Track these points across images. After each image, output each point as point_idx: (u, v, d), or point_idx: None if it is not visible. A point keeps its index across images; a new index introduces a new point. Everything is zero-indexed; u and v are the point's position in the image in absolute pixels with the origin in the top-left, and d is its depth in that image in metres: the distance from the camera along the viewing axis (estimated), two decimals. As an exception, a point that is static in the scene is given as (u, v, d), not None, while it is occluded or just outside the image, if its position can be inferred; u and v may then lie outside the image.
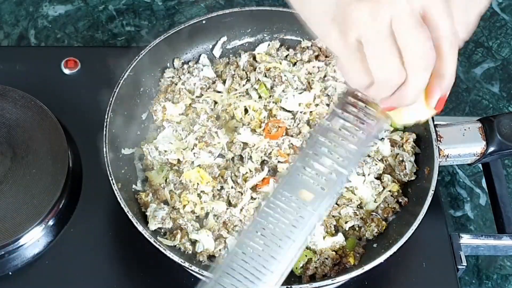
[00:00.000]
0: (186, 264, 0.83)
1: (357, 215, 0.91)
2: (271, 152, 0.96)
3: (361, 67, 0.60)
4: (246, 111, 1.00)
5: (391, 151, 0.96)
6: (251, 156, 0.96)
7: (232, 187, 0.92)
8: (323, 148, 0.67)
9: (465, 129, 0.97)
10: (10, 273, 0.91)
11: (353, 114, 0.68)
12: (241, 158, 0.96)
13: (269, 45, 1.07)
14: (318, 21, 0.61)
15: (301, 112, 1.01)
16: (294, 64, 1.07)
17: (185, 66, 1.05)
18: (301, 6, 0.63)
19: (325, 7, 0.60)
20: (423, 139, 0.96)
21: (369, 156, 0.95)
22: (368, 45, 0.58)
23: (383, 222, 0.91)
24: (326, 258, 0.88)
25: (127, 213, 0.85)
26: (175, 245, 0.88)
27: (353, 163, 0.68)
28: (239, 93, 1.01)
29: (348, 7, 0.58)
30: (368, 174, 0.94)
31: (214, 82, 1.03)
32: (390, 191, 0.93)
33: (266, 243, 0.66)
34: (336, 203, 0.93)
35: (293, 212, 0.66)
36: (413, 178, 0.95)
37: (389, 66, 0.59)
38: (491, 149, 0.95)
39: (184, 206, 0.91)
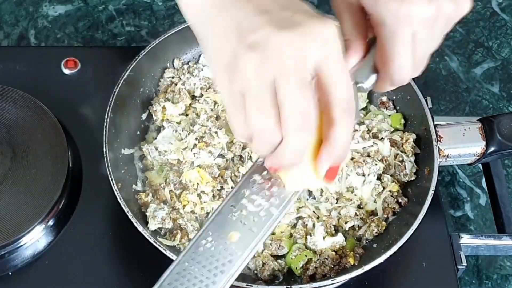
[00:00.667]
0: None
1: (357, 215, 0.91)
2: (271, 152, 0.96)
3: (243, 119, 0.58)
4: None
5: (391, 151, 0.96)
6: (251, 156, 0.96)
7: (232, 187, 0.92)
8: (255, 187, 0.67)
9: (465, 129, 0.97)
10: (10, 273, 0.91)
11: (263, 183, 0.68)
12: (241, 158, 0.96)
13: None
14: (215, 65, 0.60)
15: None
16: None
17: (185, 66, 1.05)
18: (204, 47, 0.62)
19: (222, 53, 0.58)
20: (423, 139, 0.96)
21: (369, 156, 0.96)
22: (248, 98, 0.57)
23: (383, 222, 0.91)
24: (326, 258, 0.88)
25: (127, 213, 0.85)
26: (175, 245, 0.88)
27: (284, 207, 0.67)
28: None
29: (238, 58, 0.56)
30: (368, 174, 0.94)
31: (214, 82, 1.03)
32: (390, 191, 0.93)
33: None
34: (336, 203, 0.93)
35: (219, 257, 0.65)
36: (413, 178, 0.95)
37: (263, 121, 0.57)
38: (491, 149, 0.95)
39: (184, 206, 0.91)
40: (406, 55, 0.63)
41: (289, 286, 0.82)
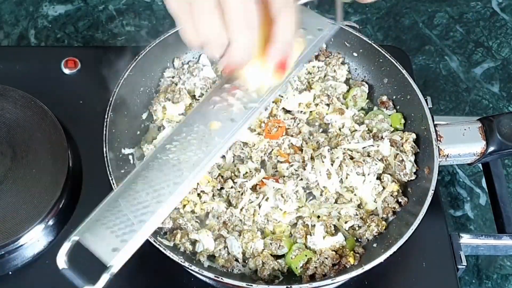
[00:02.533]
0: (186, 264, 0.83)
1: (357, 215, 0.91)
2: (271, 152, 0.96)
3: (192, 28, 0.63)
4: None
5: (391, 151, 0.96)
6: (251, 156, 0.96)
7: (232, 187, 0.92)
8: (236, 82, 0.72)
9: (465, 129, 0.97)
10: (10, 272, 0.91)
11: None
12: (241, 158, 0.96)
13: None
14: None
15: (301, 112, 1.01)
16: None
17: (185, 66, 1.05)
18: None
19: None
20: (423, 139, 0.96)
21: (369, 155, 0.96)
22: (193, 6, 0.61)
23: (383, 222, 0.91)
24: (326, 258, 0.88)
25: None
26: (175, 245, 0.88)
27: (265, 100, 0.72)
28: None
29: None
30: (368, 174, 0.94)
31: (214, 82, 1.03)
32: (390, 191, 0.93)
33: (175, 165, 0.69)
34: (336, 203, 0.93)
35: (201, 141, 0.70)
36: (413, 178, 0.95)
37: (211, 25, 0.61)
38: (491, 149, 0.95)
39: (184, 206, 0.91)
40: None
41: (289, 286, 0.82)
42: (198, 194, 0.92)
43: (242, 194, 0.91)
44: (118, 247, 0.68)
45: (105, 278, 0.67)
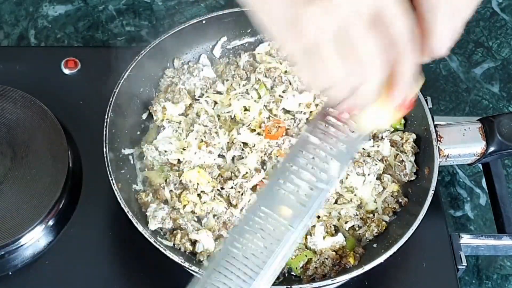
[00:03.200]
0: (186, 264, 0.83)
1: (357, 215, 0.91)
2: (271, 152, 0.96)
3: (314, 72, 0.61)
4: (246, 110, 1.00)
5: (391, 151, 0.96)
6: (251, 156, 0.96)
7: (232, 187, 0.92)
8: (303, 161, 0.66)
9: (465, 129, 0.97)
10: (10, 273, 0.91)
11: (330, 128, 0.68)
12: (241, 158, 0.96)
13: (269, 45, 1.07)
14: (276, 27, 0.62)
15: (301, 112, 1.01)
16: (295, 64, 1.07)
17: (185, 66, 1.05)
18: (260, 7, 0.63)
19: (280, 10, 0.60)
20: (423, 139, 0.96)
21: (369, 156, 0.96)
22: (316, 50, 0.59)
23: (383, 222, 0.91)
24: (326, 258, 0.88)
25: (127, 213, 0.85)
26: (175, 245, 0.88)
27: (334, 178, 0.66)
28: (239, 93, 1.01)
29: (300, 10, 0.58)
30: (368, 174, 0.94)
31: (214, 82, 1.03)
32: (390, 191, 0.93)
33: (244, 264, 0.64)
34: (336, 203, 0.93)
35: (271, 231, 0.64)
36: (413, 178, 0.95)
37: (335, 70, 0.60)
38: (491, 149, 0.95)
39: (184, 206, 0.91)
40: (447, 25, 0.65)
41: (289, 286, 0.82)
42: (198, 195, 0.92)
43: (242, 194, 0.91)
44: None
45: None
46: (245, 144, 0.97)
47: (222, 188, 0.93)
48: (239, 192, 0.92)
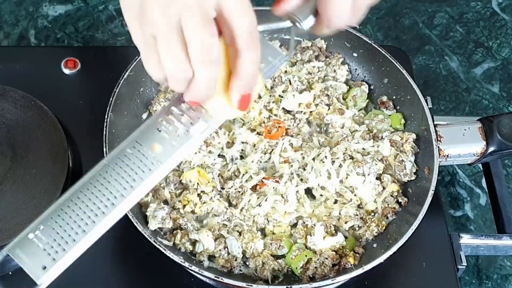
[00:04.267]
0: (186, 264, 0.83)
1: (357, 215, 0.91)
2: (271, 152, 0.96)
3: (156, 61, 0.63)
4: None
5: (391, 151, 0.96)
6: (251, 156, 0.96)
7: (232, 187, 0.92)
8: (183, 105, 0.70)
9: (465, 129, 0.97)
10: (10, 272, 0.91)
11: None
12: (241, 158, 0.96)
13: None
14: (127, 15, 0.64)
15: (301, 112, 1.01)
16: (294, 64, 1.07)
17: (185, 66, 1.05)
18: (120, 2, 0.65)
19: (131, 3, 0.62)
20: (423, 139, 0.96)
21: (369, 156, 0.95)
22: (158, 39, 0.61)
23: (383, 222, 0.91)
24: (326, 258, 0.88)
25: (127, 213, 0.85)
26: (175, 245, 0.88)
27: (208, 127, 0.71)
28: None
29: (145, 4, 0.61)
30: (368, 174, 0.94)
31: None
32: (390, 191, 0.93)
33: (110, 190, 0.69)
34: (336, 203, 0.93)
35: (141, 163, 0.69)
36: (413, 178, 0.95)
37: (174, 60, 0.62)
38: (491, 149, 0.95)
39: (184, 206, 0.91)
40: (346, 1, 0.68)
41: (289, 286, 0.82)
42: (198, 194, 0.92)
43: (242, 194, 0.91)
44: (47, 266, 0.68)
45: None
46: (245, 144, 0.97)
47: (222, 188, 0.93)
48: (239, 192, 0.92)
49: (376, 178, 0.94)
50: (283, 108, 1.01)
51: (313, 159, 0.94)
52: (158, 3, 0.60)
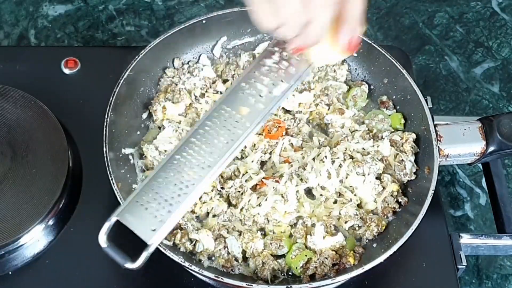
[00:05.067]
0: (186, 264, 0.83)
1: (357, 215, 0.91)
2: (271, 152, 0.96)
3: (269, 10, 0.66)
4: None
5: (391, 151, 0.96)
6: (251, 156, 0.96)
7: (232, 187, 0.92)
8: (264, 69, 0.77)
9: (465, 129, 0.97)
10: (10, 272, 0.91)
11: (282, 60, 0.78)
12: (241, 158, 0.96)
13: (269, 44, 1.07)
14: None
15: (301, 112, 1.01)
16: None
17: (185, 66, 1.05)
18: None
19: None
20: (423, 138, 0.96)
21: (369, 155, 0.95)
22: None
23: (383, 222, 0.91)
24: (326, 258, 0.88)
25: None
26: (175, 245, 0.88)
27: (289, 87, 0.77)
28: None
29: None
30: (368, 174, 0.94)
31: (214, 82, 1.03)
32: (390, 191, 0.93)
33: (205, 150, 0.75)
34: (336, 203, 0.93)
35: (230, 126, 0.75)
36: (413, 178, 0.95)
37: (291, 6, 0.65)
38: (491, 148, 0.95)
39: (184, 206, 0.91)
40: None
41: (289, 286, 0.82)
42: (198, 194, 0.92)
43: (242, 194, 0.91)
44: (157, 228, 0.73)
45: (144, 256, 0.73)
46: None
47: (222, 188, 0.93)
48: (239, 192, 0.92)
49: (376, 178, 0.94)
50: (283, 108, 1.01)
51: (313, 159, 0.94)
52: None
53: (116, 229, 0.75)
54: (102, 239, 0.75)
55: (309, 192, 0.94)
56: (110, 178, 0.87)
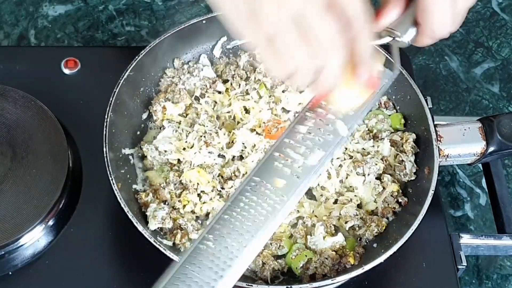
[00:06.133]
0: (186, 264, 0.83)
1: (357, 215, 0.91)
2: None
3: (278, 59, 0.63)
4: (246, 111, 1.00)
5: (391, 151, 0.96)
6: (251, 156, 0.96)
7: (232, 187, 0.92)
8: (299, 136, 0.71)
9: (465, 129, 0.97)
10: (10, 273, 0.91)
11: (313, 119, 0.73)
12: (241, 158, 0.96)
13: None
14: (236, 21, 0.64)
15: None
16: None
17: (185, 66, 1.05)
18: (222, 9, 0.66)
19: (240, 7, 0.62)
20: (423, 139, 0.96)
21: (369, 155, 0.95)
22: (278, 38, 0.61)
23: (383, 222, 0.91)
24: (326, 258, 0.88)
25: (127, 213, 0.85)
26: (175, 245, 0.88)
27: (326, 155, 0.71)
28: (239, 92, 1.01)
29: (256, 7, 0.61)
30: (368, 174, 0.94)
31: (214, 82, 1.03)
32: (390, 191, 0.93)
33: (240, 228, 0.67)
34: (336, 203, 0.93)
35: (265, 200, 0.68)
36: (413, 178, 0.95)
37: (297, 55, 0.62)
38: (491, 149, 0.95)
39: (184, 206, 0.91)
40: (447, 8, 0.68)
41: (289, 286, 0.82)
42: (198, 194, 0.92)
43: (242, 194, 0.91)
44: None
45: None
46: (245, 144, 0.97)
47: (222, 188, 0.93)
48: (239, 192, 0.92)
49: (376, 178, 0.94)
50: (283, 108, 1.01)
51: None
52: (270, 2, 0.60)
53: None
54: None
55: (309, 192, 0.94)
56: (110, 178, 0.87)
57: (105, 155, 0.90)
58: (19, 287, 0.91)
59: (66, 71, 1.09)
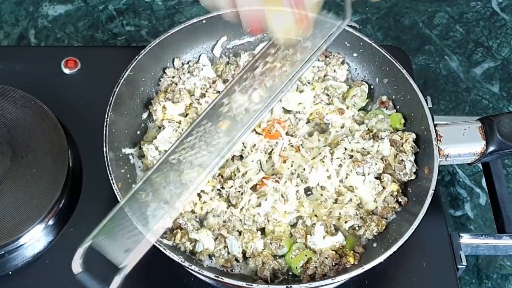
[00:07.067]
0: (186, 264, 0.83)
1: (357, 214, 0.91)
2: (271, 151, 0.96)
3: None
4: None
5: (391, 150, 0.96)
6: (251, 156, 0.96)
7: (232, 187, 0.92)
8: (247, 83, 0.76)
9: (465, 129, 0.97)
10: (10, 272, 0.91)
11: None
12: (241, 157, 0.96)
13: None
14: None
15: (301, 111, 1.01)
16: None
17: (185, 66, 1.05)
18: None
19: None
20: (423, 138, 0.96)
21: (369, 155, 0.95)
22: None
23: (383, 222, 0.91)
24: (326, 258, 0.88)
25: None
26: (175, 245, 0.88)
27: (272, 99, 0.77)
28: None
29: None
30: (368, 174, 0.94)
31: (214, 82, 1.03)
32: (390, 190, 0.93)
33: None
34: (336, 203, 0.93)
35: (210, 140, 0.75)
36: (413, 177, 0.95)
37: None
38: (491, 148, 0.95)
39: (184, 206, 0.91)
40: None
41: (289, 286, 0.82)
42: (198, 194, 0.92)
43: (242, 194, 0.91)
44: (130, 248, 0.71)
45: (118, 279, 0.70)
46: (245, 143, 0.97)
47: (222, 188, 0.93)
48: (239, 191, 0.92)
49: (376, 178, 0.94)
50: (283, 108, 1.01)
51: (313, 159, 0.94)
52: None
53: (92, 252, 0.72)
54: (76, 265, 0.72)
55: (309, 191, 0.94)
56: (110, 178, 0.87)
57: (105, 154, 0.90)
58: (19, 287, 0.91)
59: (66, 71, 1.09)
